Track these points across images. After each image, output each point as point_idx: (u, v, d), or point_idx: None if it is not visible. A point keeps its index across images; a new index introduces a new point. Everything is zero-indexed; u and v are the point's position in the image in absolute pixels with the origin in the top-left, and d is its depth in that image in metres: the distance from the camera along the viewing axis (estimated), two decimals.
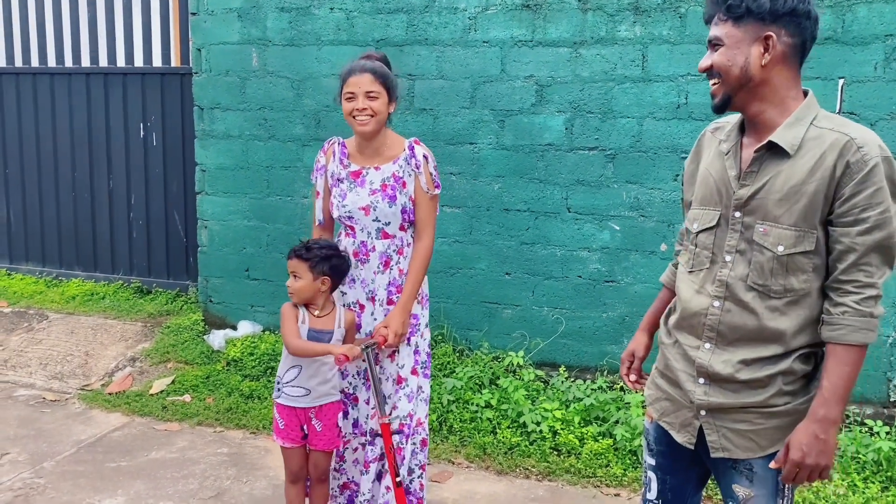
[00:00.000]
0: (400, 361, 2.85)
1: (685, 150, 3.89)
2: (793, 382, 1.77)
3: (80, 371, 4.62)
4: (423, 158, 2.83)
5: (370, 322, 2.86)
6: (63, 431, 3.90)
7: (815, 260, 1.72)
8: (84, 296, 5.56)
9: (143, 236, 5.67)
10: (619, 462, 3.54)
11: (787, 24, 1.71)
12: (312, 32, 4.48)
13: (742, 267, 1.78)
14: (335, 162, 2.89)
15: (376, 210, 2.79)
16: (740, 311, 1.78)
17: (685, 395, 1.88)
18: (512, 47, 4.11)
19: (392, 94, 2.81)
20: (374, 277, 2.84)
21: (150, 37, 5.50)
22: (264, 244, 4.78)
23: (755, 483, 1.81)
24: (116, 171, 5.67)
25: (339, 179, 2.87)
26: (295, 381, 2.74)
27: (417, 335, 2.89)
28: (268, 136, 4.67)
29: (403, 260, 2.85)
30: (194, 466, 3.58)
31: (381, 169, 2.82)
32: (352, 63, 2.83)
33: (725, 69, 1.76)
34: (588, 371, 4.18)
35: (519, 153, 4.10)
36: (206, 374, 4.45)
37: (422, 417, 2.91)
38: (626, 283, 4.08)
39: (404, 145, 2.86)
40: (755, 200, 1.76)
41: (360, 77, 2.74)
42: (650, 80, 3.92)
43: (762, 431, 1.79)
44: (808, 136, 1.71)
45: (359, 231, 2.84)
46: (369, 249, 2.83)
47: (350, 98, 2.76)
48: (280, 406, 2.77)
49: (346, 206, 2.82)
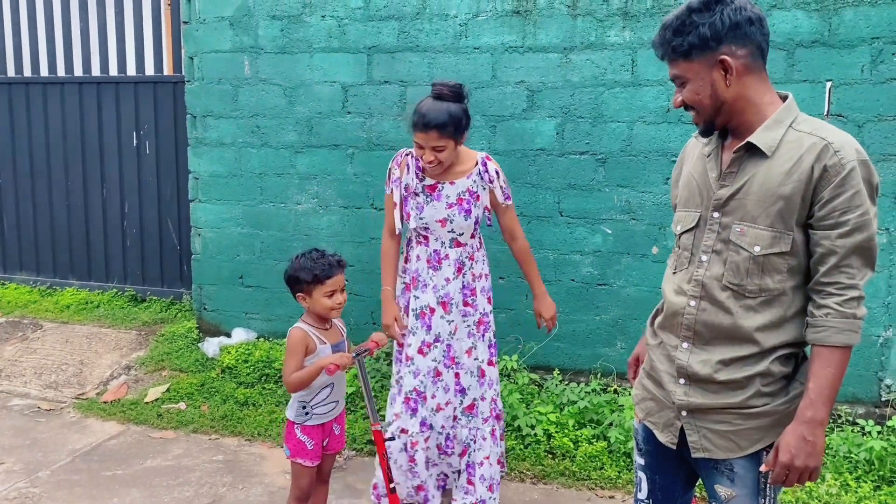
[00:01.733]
0: (479, 356, 3.12)
1: (675, 154, 3.92)
2: (771, 384, 1.79)
3: (74, 380, 4.62)
4: (496, 174, 3.07)
5: (440, 324, 3.06)
6: (58, 440, 3.90)
7: (790, 261, 1.74)
8: (78, 304, 5.56)
9: (136, 244, 5.68)
10: (613, 464, 3.56)
11: (734, 40, 1.72)
12: (304, 40, 4.50)
13: (717, 266, 1.81)
14: (409, 175, 3.07)
15: (452, 223, 3.03)
16: (715, 310, 1.81)
17: (667, 396, 1.91)
18: (503, 53, 4.14)
19: (460, 135, 2.95)
20: (445, 284, 3.04)
21: (143, 45, 5.51)
22: (258, 251, 4.79)
23: (736, 483, 1.83)
24: (110, 179, 5.68)
25: (415, 192, 3.07)
26: (328, 398, 2.73)
27: (490, 331, 3.17)
28: (261, 144, 4.68)
29: (475, 265, 3.11)
30: (190, 474, 3.58)
31: (455, 184, 3.04)
32: (421, 111, 2.89)
33: (696, 102, 1.79)
34: (582, 374, 4.20)
35: (511, 158, 4.12)
36: (201, 381, 4.46)
37: (494, 397, 3.21)
38: (619, 287, 4.10)
39: (476, 160, 3.07)
40: (734, 201, 1.79)
41: (427, 135, 2.88)
42: (640, 84, 3.95)
43: (741, 432, 1.81)
44: (786, 138, 1.74)
45: (433, 240, 3.07)
46: (442, 257, 3.06)
47: (419, 147, 2.93)
48: (308, 428, 2.73)
49: (423, 219, 3.04)
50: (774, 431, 1.79)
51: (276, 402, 4.24)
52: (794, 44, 3.70)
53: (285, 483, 3.49)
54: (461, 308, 3.09)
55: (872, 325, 3.73)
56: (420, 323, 3.08)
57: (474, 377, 3.11)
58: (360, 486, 3.48)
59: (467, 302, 3.09)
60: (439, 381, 3.08)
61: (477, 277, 3.11)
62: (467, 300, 3.09)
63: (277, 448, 3.84)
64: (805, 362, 1.83)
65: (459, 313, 3.08)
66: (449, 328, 3.07)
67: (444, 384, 3.08)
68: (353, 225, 4.55)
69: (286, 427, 2.78)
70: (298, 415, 2.72)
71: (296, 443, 2.73)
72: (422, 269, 3.09)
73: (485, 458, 3.09)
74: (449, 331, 3.07)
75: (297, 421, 2.72)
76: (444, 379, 3.07)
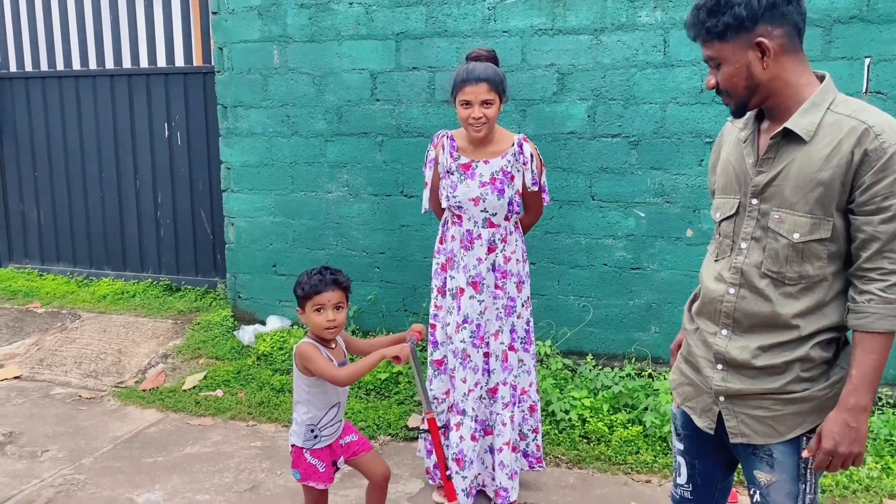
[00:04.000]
0: (503, 340, 3.10)
1: (709, 135, 3.87)
2: (811, 369, 1.76)
3: (113, 369, 4.70)
4: (530, 157, 3.04)
5: (469, 304, 3.06)
6: (100, 428, 3.98)
7: (830, 247, 1.71)
8: (115, 295, 5.65)
9: (170, 235, 5.75)
10: (649, 449, 3.54)
11: (770, 20, 1.68)
12: (332, 28, 4.50)
13: (757, 254, 1.78)
14: (445, 154, 3.09)
15: (485, 201, 3.00)
16: (755, 297, 1.78)
17: (705, 381, 1.90)
18: (532, 36, 4.10)
19: (504, 96, 2.98)
20: (477, 264, 3.04)
21: (172, 37, 5.55)
22: (290, 240, 4.82)
23: (776, 468, 1.82)
24: (143, 170, 5.75)
25: (448, 171, 3.08)
26: (335, 418, 2.65)
27: (514, 316, 3.12)
28: (291, 133, 4.70)
29: (507, 247, 3.08)
30: (229, 460, 3.63)
31: (490, 163, 3.03)
32: (467, 68, 2.96)
33: (731, 84, 1.75)
34: (616, 359, 4.18)
35: (542, 142, 4.09)
36: (237, 369, 4.51)
37: (525, 387, 3.20)
38: (653, 270, 4.07)
39: (513, 140, 3.06)
40: (772, 187, 1.75)
41: (477, 87, 2.90)
42: (672, 65, 3.89)
43: (780, 417, 1.79)
44: (824, 121, 1.69)
45: (466, 220, 3.06)
46: (474, 237, 3.05)
47: (466, 105, 2.93)
48: (317, 451, 2.63)
49: (456, 197, 3.04)
50: (814, 417, 1.77)
51: None
52: (830, 20, 3.62)
53: None
54: (492, 290, 3.07)
55: None
56: (455, 303, 3.09)
57: (499, 361, 3.11)
58: (395, 471, 3.50)
59: (497, 285, 3.08)
60: (468, 363, 3.08)
61: (507, 260, 3.09)
62: (497, 283, 3.07)
63: None
64: (846, 347, 1.80)
65: (490, 295, 3.07)
66: (479, 308, 3.06)
67: (472, 364, 3.08)
68: (382, 212, 4.56)
69: (293, 453, 2.66)
70: (307, 439, 2.62)
71: (306, 466, 2.64)
72: (456, 249, 3.10)
73: (504, 444, 3.08)
74: (479, 310, 3.06)
75: (306, 446, 2.63)
76: (473, 359, 3.07)
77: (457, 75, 2.99)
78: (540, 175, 3.11)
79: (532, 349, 3.23)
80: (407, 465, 3.55)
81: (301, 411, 2.62)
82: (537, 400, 3.26)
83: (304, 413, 2.61)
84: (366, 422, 3.90)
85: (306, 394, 2.60)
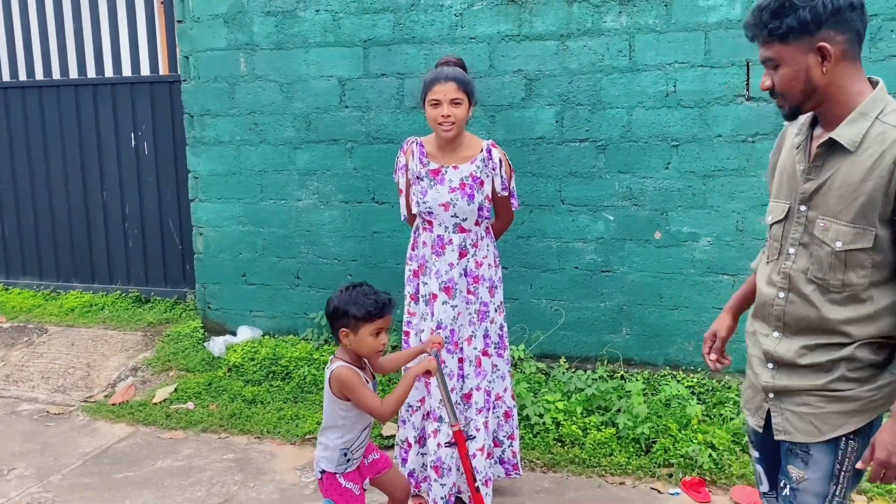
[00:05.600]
0: (476, 345, 3.12)
1: (675, 139, 3.91)
2: (858, 370, 1.77)
3: (82, 383, 4.63)
4: (499, 162, 3.07)
5: (442, 310, 3.05)
6: (68, 444, 3.91)
7: (874, 256, 1.72)
8: (82, 307, 5.57)
9: (138, 245, 5.67)
10: (622, 450, 3.57)
11: (834, 25, 1.67)
12: (299, 35, 4.48)
13: (804, 260, 1.80)
14: (415, 160, 3.10)
15: (455, 207, 3.02)
16: (802, 302, 1.81)
17: (757, 379, 1.93)
18: (499, 42, 4.12)
19: (472, 99, 3.02)
20: (449, 269, 3.04)
21: (137, 46, 5.49)
22: (260, 248, 4.79)
23: (810, 466, 1.83)
24: (109, 181, 5.67)
25: (418, 177, 3.09)
26: (365, 439, 2.55)
27: (487, 321, 3.14)
28: (259, 141, 4.67)
29: (478, 252, 3.10)
30: (201, 473, 3.59)
31: (459, 168, 3.05)
32: (435, 71, 3.03)
33: (787, 89, 1.74)
34: (588, 361, 4.20)
35: (511, 147, 4.11)
36: (208, 380, 4.46)
37: (500, 392, 3.22)
38: (623, 273, 4.10)
39: (481, 146, 3.09)
40: (818, 195, 1.76)
41: (446, 85, 2.94)
42: (638, 69, 3.93)
43: (823, 415, 1.80)
44: (871, 131, 1.69)
45: (436, 225, 3.07)
46: (446, 242, 3.06)
47: (435, 105, 2.96)
48: (349, 474, 2.53)
49: (426, 203, 3.05)
50: (858, 418, 1.78)
51: (283, 400, 4.24)
52: None
53: (296, 480, 3.51)
54: (464, 295, 3.08)
55: None
56: (429, 309, 3.09)
57: (472, 366, 3.11)
58: None
59: (470, 290, 3.09)
60: (443, 369, 3.05)
61: (479, 265, 3.10)
62: (470, 288, 3.09)
63: (287, 445, 3.85)
64: None
65: (463, 300, 3.07)
66: (453, 313, 3.06)
67: (447, 370, 3.07)
68: (354, 220, 4.54)
69: (325, 481, 2.53)
70: (339, 464, 2.50)
71: (342, 492, 2.51)
72: (427, 255, 3.10)
73: (478, 450, 3.07)
74: (452, 316, 3.06)
75: (339, 471, 2.51)
76: (448, 365, 3.06)
77: (425, 78, 3.04)
78: (509, 180, 3.13)
79: (506, 354, 3.24)
80: None
81: (334, 436, 2.50)
82: (513, 406, 3.26)
83: (338, 438, 2.48)
84: None
85: (342, 419, 2.48)
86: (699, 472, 3.39)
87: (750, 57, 3.75)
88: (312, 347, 4.57)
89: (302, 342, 4.64)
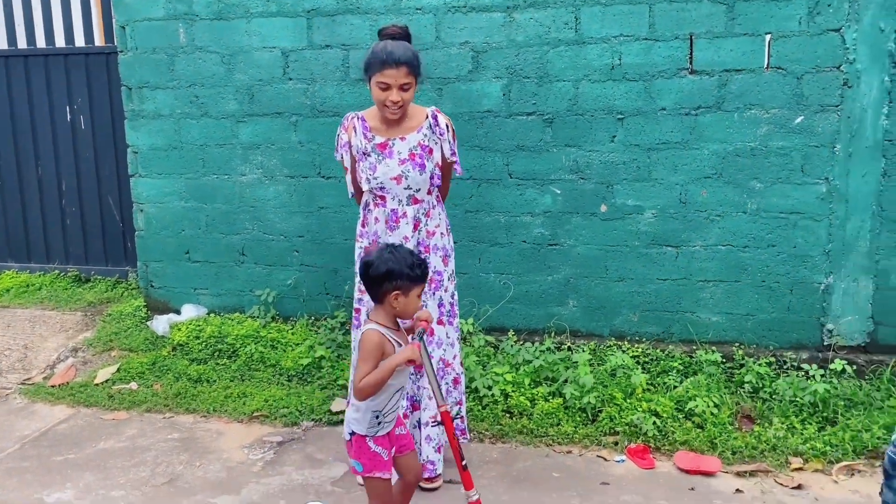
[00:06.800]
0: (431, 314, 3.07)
1: (620, 112, 3.94)
2: None
3: (19, 365, 4.49)
4: (446, 127, 3.04)
5: None
6: (5, 427, 3.79)
7: None
8: (19, 287, 5.39)
9: (77, 223, 5.50)
10: (569, 420, 3.62)
11: None
12: (241, 5, 4.35)
13: None
14: (358, 136, 3.04)
15: (408, 178, 2.99)
16: None
17: None
18: (446, 13, 4.07)
19: (420, 77, 2.96)
20: (404, 242, 2.99)
21: (71, 16, 5.27)
22: (203, 225, 4.68)
23: None
24: (44, 157, 5.47)
25: (365, 153, 3.02)
26: (398, 404, 2.53)
27: (441, 290, 3.13)
28: (200, 114, 4.55)
29: (430, 221, 3.09)
30: (145, 454, 3.52)
31: (406, 139, 3.00)
32: (384, 48, 2.89)
33: None
34: (536, 333, 4.24)
35: (459, 120, 4.08)
36: (152, 360, 4.37)
37: (449, 359, 3.22)
38: (570, 246, 4.13)
39: (426, 113, 3.04)
40: None
41: (398, 70, 2.87)
42: (584, 42, 3.93)
43: None
44: None
45: (390, 200, 3.03)
46: (400, 216, 3.03)
47: (384, 88, 2.89)
48: (379, 438, 2.49)
49: (377, 178, 3.00)
50: None
51: (230, 378, 4.18)
52: None
53: (244, 458, 3.47)
54: None
55: (814, 273, 3.84)
56: None
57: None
58: (319, 456, 3.47)
59: None
60: (429, 345, 3.04)
61: (431, 234, 3.09)
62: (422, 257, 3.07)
63: (234, 423, 3.80)
64: None
65: None
66: None
67: None
68: (300, 195, 4.47)
69: (354, 443, 2.50)
70: (371, 426, 2.46)
71: (370, 456, 2.48)
72: (381, 231, 3.06)
73: (430, 419, 3.08)
74: None
75: (369, 433, 2.47)
76: None
77: (373, 55, 2.93)
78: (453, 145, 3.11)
79: (456, 322, 3.26)
80: (331, 449, 3.52)
81: None
82: (461, 372, 3.29)
83: (371, 399, 2.42)
84: (288, 408, 3.84)
85: None
86: (644, 439, 3.46)
87: (693, 30, 3.79)
88: (259, 325, 4.51)
89: (248, 319, 4.57)
